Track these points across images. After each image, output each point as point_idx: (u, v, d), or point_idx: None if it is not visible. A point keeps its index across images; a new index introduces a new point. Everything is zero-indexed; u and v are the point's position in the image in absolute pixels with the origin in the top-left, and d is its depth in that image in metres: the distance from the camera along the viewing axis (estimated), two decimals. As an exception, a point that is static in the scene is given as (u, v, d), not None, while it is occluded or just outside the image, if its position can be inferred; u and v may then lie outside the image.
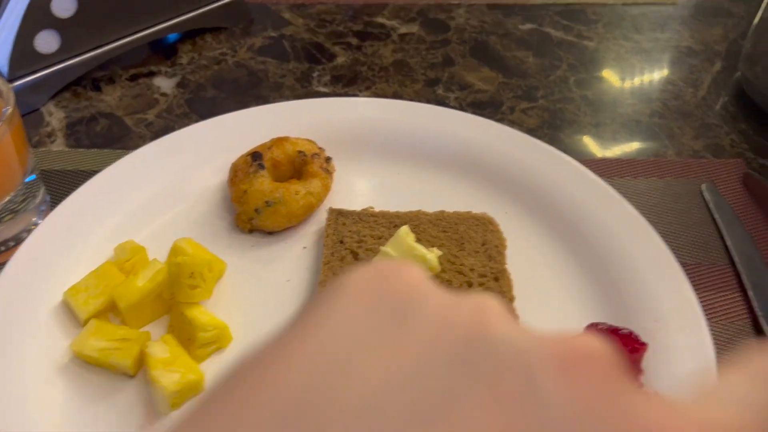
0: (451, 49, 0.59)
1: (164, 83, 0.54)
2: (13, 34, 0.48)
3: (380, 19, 0.62)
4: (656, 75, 0.56)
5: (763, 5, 0.53)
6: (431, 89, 0.55)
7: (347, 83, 0.55)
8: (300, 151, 0.43)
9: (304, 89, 0.54)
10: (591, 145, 0.50)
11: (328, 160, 0.43)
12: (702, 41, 0.60)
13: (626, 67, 0.57)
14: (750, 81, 0.54)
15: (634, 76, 0.56)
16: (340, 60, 0.57)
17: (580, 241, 0.40)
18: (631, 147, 0.50)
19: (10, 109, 0.37)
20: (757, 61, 0.53)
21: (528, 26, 0.61)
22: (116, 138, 0.49)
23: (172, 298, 0.35)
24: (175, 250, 0.37)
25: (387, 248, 0.36)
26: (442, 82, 0.55)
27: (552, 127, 0.51)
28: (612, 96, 0.54)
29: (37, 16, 0.48)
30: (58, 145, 0.49)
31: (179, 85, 0.54)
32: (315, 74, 0.56)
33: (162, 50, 0.57)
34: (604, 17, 0.62)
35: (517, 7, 0.64)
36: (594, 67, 0.57)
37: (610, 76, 0.56)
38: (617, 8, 0.63)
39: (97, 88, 0.54)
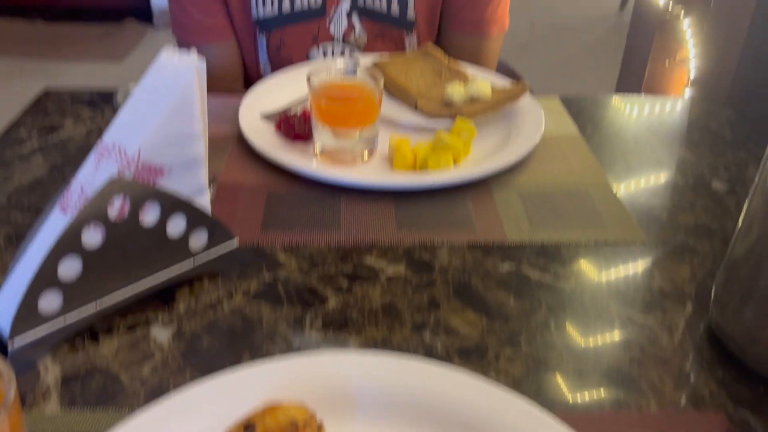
0: (437, 290, 0.62)
1: (160, 334, 0.56)
2: (20, 297, 0.50)
3: (368, 260, 0.66)
4: (632, 320, 0.59)
5: (727, 254, 0.57)
6: (419, 335, 0.57)
7: (338, 328, 0.57)
8: (292, 422, 0.43)
9: (296, 337, 0.56)
10: (576, 396, 0.51)
11: (319, 429, 0.44)
12: (672, 281, 0.64)
13: (602, 310, 0.60)
14: (721, 327, 0.57)
15: (612, 320, 0.59)
16: (331, 304, 0.60)
17: None
18: (615, 398, 0.51)
19: (12, 398, 0.38)
20: (725, 306, 0.56)
21: (507, 266, 0.65)
22: (110, 396, 0.50)
23: None
24: None
25: None
26: (429, 326, 0.58)
27: (536, 375, 0.53)
28: (592, 343, 0.57)
29: (44, 279, 0.51)
30: (53, 402, 0.49)
31: (175, 335, 0.56)
32: (307, 319, 0.58)
33: (160, 294, 0.60)
34: (578, 256, 0.67)
35: (495, 246, 0.68)
36: (573, 310, 0.60)
37: (589, 320, 0.59)
38: (590, 247, 0.68)
39: (95, 338, 0.55)
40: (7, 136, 0.84)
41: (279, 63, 1.08)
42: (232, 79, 1.12)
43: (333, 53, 1.08)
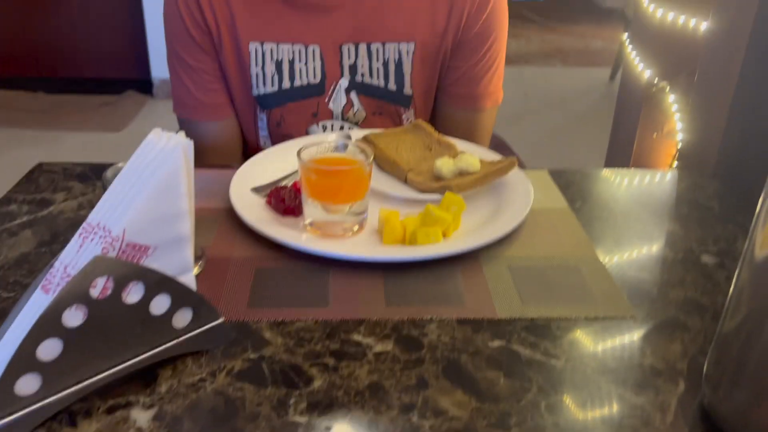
0: (425, 369, 0.61)
1: (141, 416, 0.54)
2: (-3, 380, 0.49)
3: (356, 337, 0.65)
4: (624, 399, 0.58)
5: (717, 331, 0.56)
6: (406, 416, 0.56)
7: (323, 410, 0.56)
8: None
9: (280, 419, 0.55)
10: (567, 482, 0.50)
11: None
12: (664, 358, 0.63)
13: (594, 390, 0.59)
14: (714, 406, 0.55)
15: (603, 400, 0.58)
16: (317, 384, 0.59)
17: None
18: (607, 484, 0.50)
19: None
20: (717, 385, 0.55)
21: (497, 343, 0.64)
22: (85, 484, 0.48)
23: None
24: None
25: None
26: (417, 408, 0.56)
27: (527, 460, 0.52)
28: (582, 423, 0.55)
29: (22, 362, 0.50)
30: (24, 491, 0.48)
31: (156, 417, 0.54)
32: (292, 401, 0.57)
33: (142, 374, 0.58)
34: (568, 332, 0.66)
35: (485, 321, 0.67)
36: (563, 390, 0.59)
37: (579, 400, 0.58)
38: (580, 322, 0.67)
39: (73, 423, 0.54)
40: (-3, 210, 0.84)
41: (279, 138, 1.10)
42: (231, 155, 1.13)
43: (332, 129, 1.10)
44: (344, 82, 1.07)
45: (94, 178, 0.93)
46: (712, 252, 0.80)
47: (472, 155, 0.90)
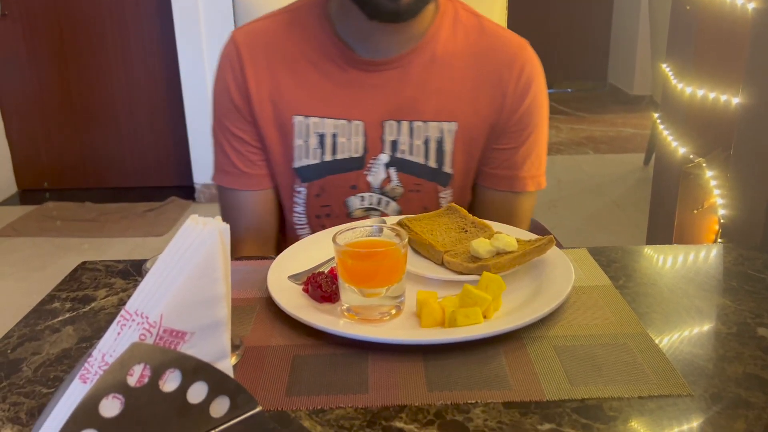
0: (472, 455, 0.58)
1: None
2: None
3: (398, 424, 0.62)
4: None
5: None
6: (454, 506, 0.52)
7: (366, 501, 0.53)
8: None
9: None
10: None
11: None
12: (728, 438, 0.59)
13: (655, 473, 0.55)
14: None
15: (666, 484, 0.54)
16: (359, 474, 0.56)
17: None
18: None
19: None
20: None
21: (547, 426, 0.61)
22: None
23: None
24: None
25: None
26: (465, 497, 0.53)
27: None
28: None
29: (84, 416, 0.49)
30: None
31: None
32: (332, 492, 0.54)
33: (179, 468, 0.57)
34: (622, 413, 0.62)
35: (533, 404, 0.64)
36: (621, 474, 0.55)
37: (639, 483, 0.54)
38: (634, 402, 0.64)
39: None
40: (40, 307, 0.86)
41: (317, 210, 1.10)
42: (269, 227, 1.15)
43: (370, 202, 1.10)
44: (384, 157, 1.08)
45: (135, 274, 0.94)
46: (769, 324, 0.76)
47: (509, 236, 0.89)
